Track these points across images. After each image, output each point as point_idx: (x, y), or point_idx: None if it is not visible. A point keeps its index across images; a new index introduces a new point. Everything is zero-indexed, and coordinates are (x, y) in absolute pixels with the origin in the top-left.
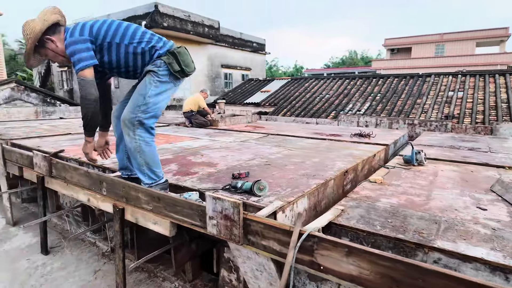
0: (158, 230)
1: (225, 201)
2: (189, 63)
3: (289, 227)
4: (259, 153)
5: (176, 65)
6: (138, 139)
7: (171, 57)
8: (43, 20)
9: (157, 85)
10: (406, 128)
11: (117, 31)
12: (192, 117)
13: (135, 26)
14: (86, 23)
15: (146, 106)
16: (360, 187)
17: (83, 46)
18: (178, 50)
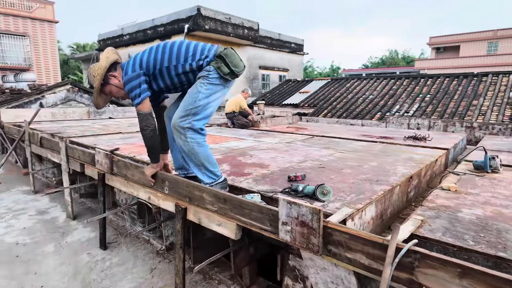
0: (223, 232)
1: (303, 206)
2: (238, 63)
3: (382, 240)
4: (309, 155)
5: (225, 67)
6: (190, 142)
7: (219, 60)
8: (106, 57)
9: (207, 87)
10: (464, 131)
11: (163, 56)
12: (234, 118)
13: (178, 43)
14: (136, 57)
15: (196, 109)
16: (433, 195)
17: (136, 82)
18: (225, 52)
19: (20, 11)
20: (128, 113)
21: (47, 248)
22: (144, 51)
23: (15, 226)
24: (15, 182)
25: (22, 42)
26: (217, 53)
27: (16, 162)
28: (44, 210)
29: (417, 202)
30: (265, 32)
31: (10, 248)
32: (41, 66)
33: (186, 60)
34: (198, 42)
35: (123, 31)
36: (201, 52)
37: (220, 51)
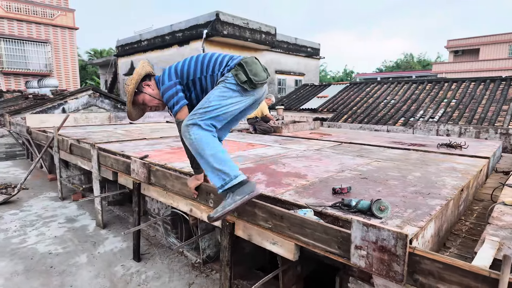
0: (278, 252)
1: (384, 230)
2: (258, 72)
3: (488, 273)
4: (344, 164)
5: (243, 75)
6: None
7: (239, 68)
8: (142, 67)
9: (221, 90)
10: (499, 138)
11: (196, 66)
12: (256, 123)
13: (210, 54)
14: (171, 67)
15: (205, 109)
16: (497, 212)
17: (174, 90)
18: (245, 60)
19: (42, 19)
20: (148, 119)
21: (80, 258)
22: (179, 62)
23: (46, 234)
24: (42, 188)
25: (44, 49)
26: (238, 61)
27: (41, 167)
28: (73, 218)
29: (467, 216)
30: (281, 37)
31: (44, 258)
32: (61, 72)
33: (214, 70)
34: (227, 54)
35: (141, 37)
36: (226, 62)
37: (241, 59)
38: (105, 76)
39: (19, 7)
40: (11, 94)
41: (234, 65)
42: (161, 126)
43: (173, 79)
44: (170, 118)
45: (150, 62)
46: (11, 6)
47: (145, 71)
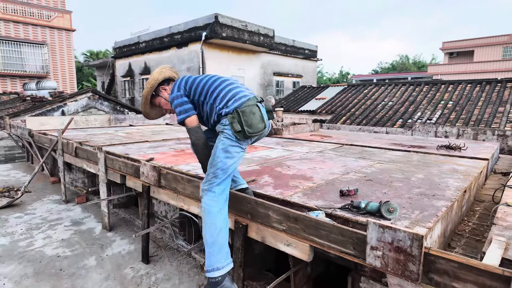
0: (292, 253)
1: (400, 231)
2: (254, 124)
3: (502, 271)
4: (348, 166)
5: (238, 125)
6: (204, 204)
7: (236, 116)
8: (160, 71)
9: (224, 144)
10: (496, 139)
11: (203, 90)
12: None
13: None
14: (183, 79)
15: (214, 174)
16: (502, 213)
17: (179, 101)
18: (243, 109)
19: (39, 20)
20: (148, 121)
21: (88, 261)
22: (192, 77)
23: (53, 237)
24: (45, 191)
25: (41, 50)
26: (239, 107)
27: (43, 170)
28: (78, 221)
29: (469, 217)
30: (279, 39)
31: (53, 261)
32: (58, 74)
33: (215, 102)
34: (235, 84)
35: (139, 39)
36: (227, 99)
37: (241, 105)
38: (102, 77)
39: (16, 8)
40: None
41: (232, 110)
42: (161, 128)
43: (180, 91)
44: (170, 120)
45: (148, 64)
46: (8, 8)
47: (163, 77)
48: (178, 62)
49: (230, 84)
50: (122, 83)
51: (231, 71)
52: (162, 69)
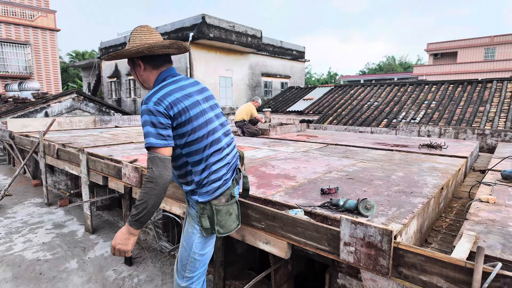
0: (271, 251)
1: (371, 227)
2: (227, 225)
3: (464, 263)
4: (331, 165)
5: (207, 222)
6: None
7: (209, 210)
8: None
9: (200, 236)
10: (476, 138)
11: (185, 133)
12: (244, 126)
13: (202, 132)
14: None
15: (192, 264)
16: (474, 208)
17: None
18: (219, 208)
19: (22, 20)
20: (134, 122)
21: (70, 264)
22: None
23: (34, 241)
24: (26, 194)
25: (24, 51)
26: (215, 197)
27: (25, 173)
28: (61, 224)
29: (447, 213)
30: (267, 40)
31: (33, 264)
32: (42, 74)
33: (193, 166)
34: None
35: (126, 39)
36: (205, 177)
37: (218, 196)
38: (88, 78)
39: None
40: None
41: (206, 201)
42: None
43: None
44: None
45: None
46: None
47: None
48: None
49: (215, 142)
50: (109, 84)
51: (219, 72)
52: (149, 35)
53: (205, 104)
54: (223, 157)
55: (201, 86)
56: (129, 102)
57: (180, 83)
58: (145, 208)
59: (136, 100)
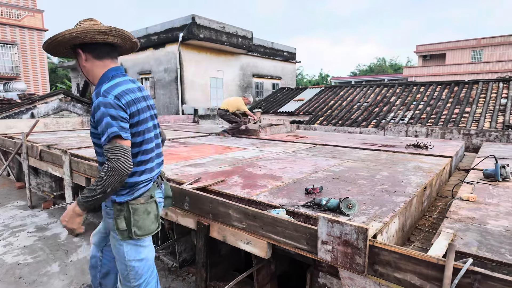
0: (252, 251)
1: (346, 225)
2: (144, 225)
3: (436, 260)
4: (318, 165)
5: (123, 223)
6: None
7: (125, 211)
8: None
9: (126, 244)
10: (461, 138)
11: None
12: (225, 116)
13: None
14: (122, 86)
15: (133, 273)
16: (455, 207)
17: (117, 113)
18: (136, 206)
19: (8, 19)
20: None
21: (51, 268)
22: (132, 95)
23: (15, 244)
24: (10, 197)
25: (10, 51)
26: (135, 197)
27: (9, 175)
28: (44, 227)
29: (430, 212)
30: (258, 41)
31: (13, 268)
32: (29, 75)
33: None
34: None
35: None
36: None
37: (138, 196)
38: (77, 79)
39: None
40: None
41: (124, 197)
42: None
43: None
44: None
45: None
46: None
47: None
48: (155, 63)
49: (148, 147)
50: None
51: (210, 72)
52: (90, 23)
53: (149, 112)
54: (150, 159)
55: (145, 93)
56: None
57: (130, 85)
58: (99, 193)
59: None
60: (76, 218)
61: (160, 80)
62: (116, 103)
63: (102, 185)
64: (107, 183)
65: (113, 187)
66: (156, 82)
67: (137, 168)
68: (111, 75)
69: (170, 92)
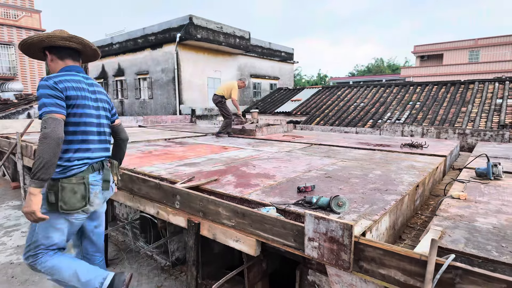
0: (241, 248)
1: (332, 221)
2: (70, 201)
3: (419, 256)
4: (312, 164)
5: (53, 196)
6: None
7: (55, 187)
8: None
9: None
10: (457, 138)
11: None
12: (219, 103)
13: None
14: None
15: (35, 244)
16: (445, 204)
17: (53, 92)
18: (64, 185)
19: (5, 20)
20: None
21: None
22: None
23: (8, 244)
24: (4, 197)
25: (7, 51)
26: (67, 177)
27: (4, 175)
28: None
29: (423, 210)
30: (256, 41)
31: (5, 268)
32: (26, 75)
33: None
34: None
35: (113, 40)
36: (67, 158)
37: (64, 180)
38: None
39: None
40: None
41: (58, 174)
42: (133, 130)
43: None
44: (142, 123)
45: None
46: None
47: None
48: (152, 63)
49: (86, 133)
50: None
51: (207, 73)
52: (59, 32)
53: (91, 102)
54: (85, 141)
55: (96, 88)
56: (116, 103)
57: (78, 77)
58: (40, 163)
59: (124, 101)
60: (33, 199)
61: (158, 80)
62: (53, 86)
63: (39, 153)
64: (43, 150)
65: (51, 154)
66: (153, 83)
67: (71, 145)
68: (64, 70)
69: (168, 92)
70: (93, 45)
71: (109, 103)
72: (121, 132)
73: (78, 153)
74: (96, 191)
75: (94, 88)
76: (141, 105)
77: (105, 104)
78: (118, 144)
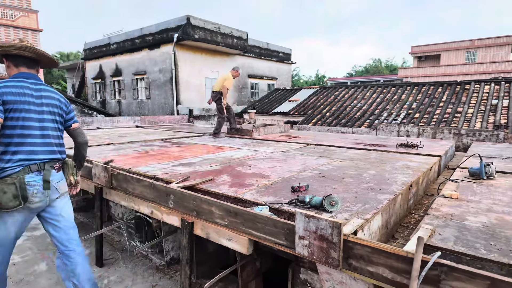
0: (233, 247)
1: (322, 220)
2: (2, 201)
3: (406, 253)
4: (307, 164)
5: None
6: None
7: None
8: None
9: None
10: (452, 138)
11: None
12: (218, 101)
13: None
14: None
15: None
16: (437, 204)
17: None
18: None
19: (2, 20)
20: (117, 123)
21: (39, 267)
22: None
23: None
24: None
25: None
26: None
27: None
28: (33, 226)
29: (416, 210)
30: (253, 42)
31: None
32: None
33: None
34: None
35: (110, 40)
36: (6, 160)
37: (1, 179)
38: (72, 80)
39: None
40: None
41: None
42: (130, 130)
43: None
44: (140, 123)
45: (119, 65)
46: None
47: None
48: (150, 63)
49: (25, 136)
50: (93, 85)
51: (205, 73)
52: (18, 41)
53: (34, 106)
54: (24, 143)
55: (43, 93)
56: (113, 104)
57: (23, 83)
58: None
59: (121, 102)
60: None
61: (155, 80)
62: None
63: None
64: None
65: None
66: (151, 83)
67: (9, 148)
68: (13, 77)
69: (165, 92)
70: (47, 54)
71: (61, 108)
72: (78, 135)
73: (17, 155)
74: (34, 191)
75: (42, 93)
76: (139, 105)
77: (53, 108)
78: (76, 146)
